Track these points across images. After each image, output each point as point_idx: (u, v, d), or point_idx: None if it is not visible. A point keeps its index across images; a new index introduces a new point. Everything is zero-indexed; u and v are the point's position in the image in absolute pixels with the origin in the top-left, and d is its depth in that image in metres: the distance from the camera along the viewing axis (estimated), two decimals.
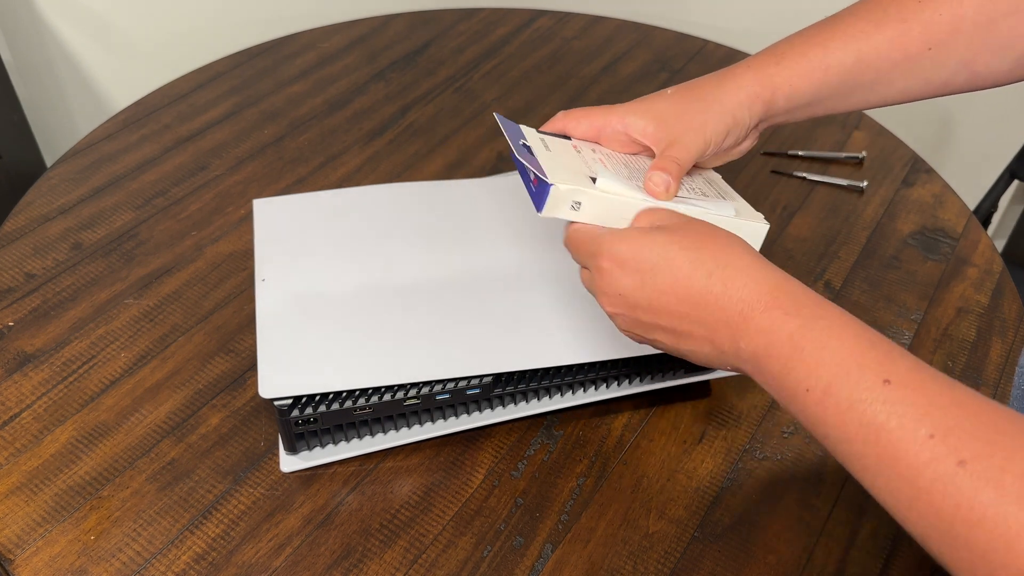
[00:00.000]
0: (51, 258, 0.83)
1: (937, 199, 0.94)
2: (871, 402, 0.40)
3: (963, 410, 0.38)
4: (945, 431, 0.37)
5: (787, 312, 0.45)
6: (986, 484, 0.35)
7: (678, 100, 0.59)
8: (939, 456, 0.37)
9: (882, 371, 0.40)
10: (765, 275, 0.47)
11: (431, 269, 0.73)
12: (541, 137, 0.62)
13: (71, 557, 0.62)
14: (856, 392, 0.40)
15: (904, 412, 0.39)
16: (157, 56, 1.62)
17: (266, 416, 0.71)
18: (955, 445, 0.37)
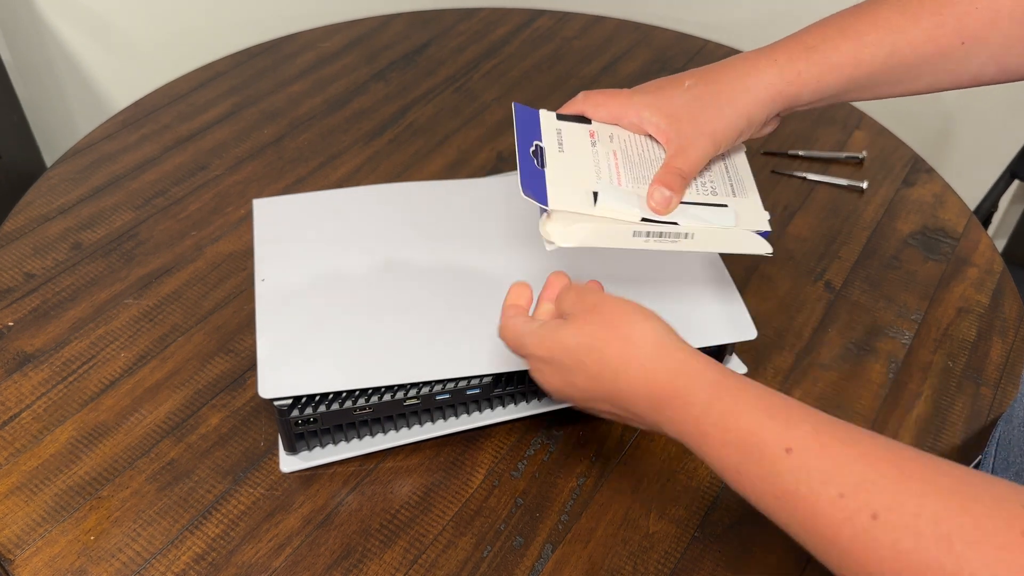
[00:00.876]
0: (51, 258, 0.83)
1: (937, 199, 0.94)
2: (779, 474, 0.41)
3: (868, 463, 0.39)
4: (854, 488, 0.38)
5: (687, 401, 0.46)
6: (904, 533, 0.36)
7: (694, 97, 0.57)
8: (852, 514, 0.38)
9: (783, 441, 0.41)
10: (663, 366, 0.47)
11: (431, 269, 0.73)
12: (558, 128, 0.62)
13: (71, 557, 0.62)
14: (762, 467, 0.42)
15: (811, 477, 0.40)
16: (157, 56, 1.62)
17: (266, 416, 0.71)
18: (866, 500, 0.37)
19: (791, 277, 0.85)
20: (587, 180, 0.59)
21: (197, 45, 1.43)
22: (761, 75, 0.57)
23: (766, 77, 0.57)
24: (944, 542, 0.35)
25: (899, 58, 0.56)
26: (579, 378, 0.50)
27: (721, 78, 0.58)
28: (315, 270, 0.72)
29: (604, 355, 0.49)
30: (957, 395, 0.75)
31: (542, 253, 0.75)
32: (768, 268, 0.85)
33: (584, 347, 0.50)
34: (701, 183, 0.60)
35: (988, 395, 0.75)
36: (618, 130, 0.62)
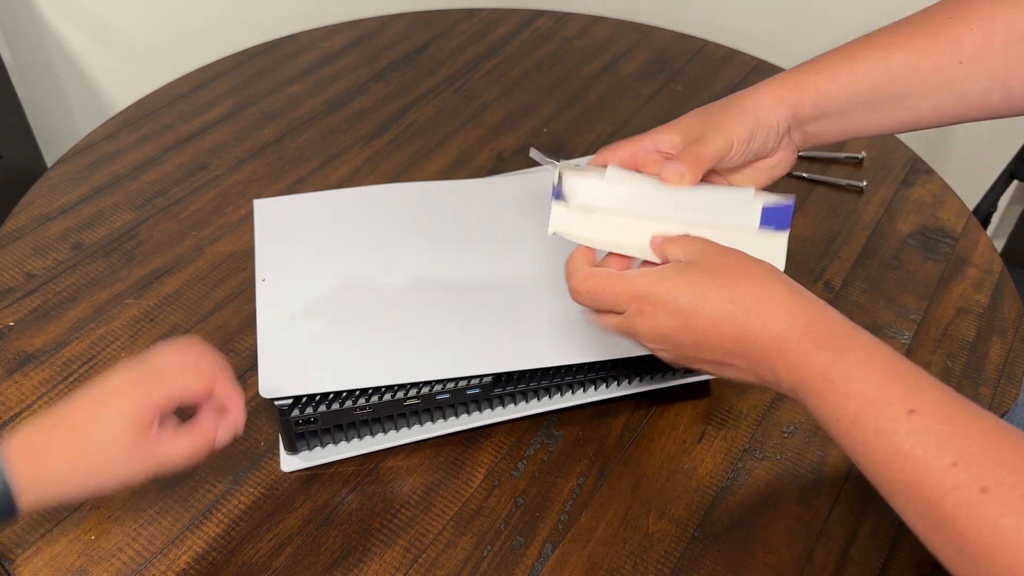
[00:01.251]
0: (51, 258, 0.83)
1: (937, 199, 0.95)
2: (896, 432, 0.41)
3: (987, 439, 0.39)
4: (969, 459, 0.38)
5: (818, 346, 0.46)
6: (1008, 511, 0.36)
7: (702, 111, 0.59)
8: (962, 483, 0.38)
9: (907, 401, 0.41)
10: (800, 308, 0.48)
11: (431, 269, 0.73)
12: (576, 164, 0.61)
13: (71, 557, 0.62)
14: (881, 422, 0.42)
15: (928, 441, 0.40)
16: (157, 56, 1.62)
17: (266, 416, 0.71)
18: (978, 473, 0.38)
19: (791, 276, 0.85)
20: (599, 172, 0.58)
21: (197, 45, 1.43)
22: (763, 86, 0.59)
23: (768, 87, 0.59)
24: None
25: (896, 74, 0.57)
26: (703, 319, 0.49)
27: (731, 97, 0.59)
28: (315, 270, 0.72)
29: (738, 295, 0.48)
30: None
31: (542, 253, 0.75)
32: None
33: (716, 283, 0.49)
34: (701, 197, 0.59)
35: (987, 395, 0.75)
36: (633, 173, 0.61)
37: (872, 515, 0.66)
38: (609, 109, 1.03)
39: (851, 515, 0.66)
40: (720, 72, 1.10)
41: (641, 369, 0.70)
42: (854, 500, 0.67)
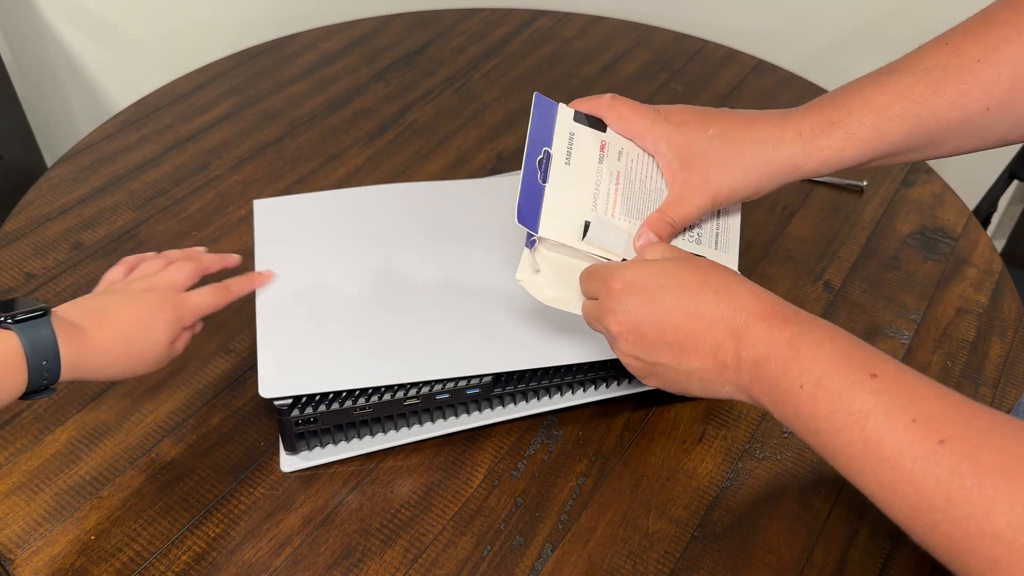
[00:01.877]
0: (51, 258, 0.83)
1: (937, 199, 0.95)
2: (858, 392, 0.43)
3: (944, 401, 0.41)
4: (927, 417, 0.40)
5: (786, 319, 0.48)
6: (964, 459, 0.38)
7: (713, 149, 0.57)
8: (920, 438, 0.40)
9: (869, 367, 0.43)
10: (766, 293, 0.50)
11: (431, 269, 0.73)
12: (572, 132, 0.61)
13: (71, 557, 0.62)
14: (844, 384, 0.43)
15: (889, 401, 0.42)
16: (157, 56, 1.62)
17: (266, 416, 0.71)
18: (936, 428, 0.39)
19: (790, 277, 0.85)
20: (584, 206, 0.60)
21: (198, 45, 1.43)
22: (784, 147, 0.57)
23: (787, 151, 0.57)
24: (999, 472, 0.37)
25: (923, 128, 0.56)
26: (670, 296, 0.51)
27: (744, 139, 0.57)
28: (315, 270, 0.72)
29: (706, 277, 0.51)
30: None
31: None
32: (768, 268, 0.86)
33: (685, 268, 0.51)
34: (688, 230, 0.62)
35: (987, 395, 0.75)
36: (629, 146, 0.62)
37: (872, 516, 0.66)
38: None
39: (851, 515, 0.66)
40: (720, 72, 1.10)
41: None
42: (854, 500, 0.67)
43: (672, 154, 0.58)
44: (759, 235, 0.89)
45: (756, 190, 0.57)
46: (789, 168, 0.57)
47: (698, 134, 0.58)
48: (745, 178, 0.57)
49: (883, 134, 0.56)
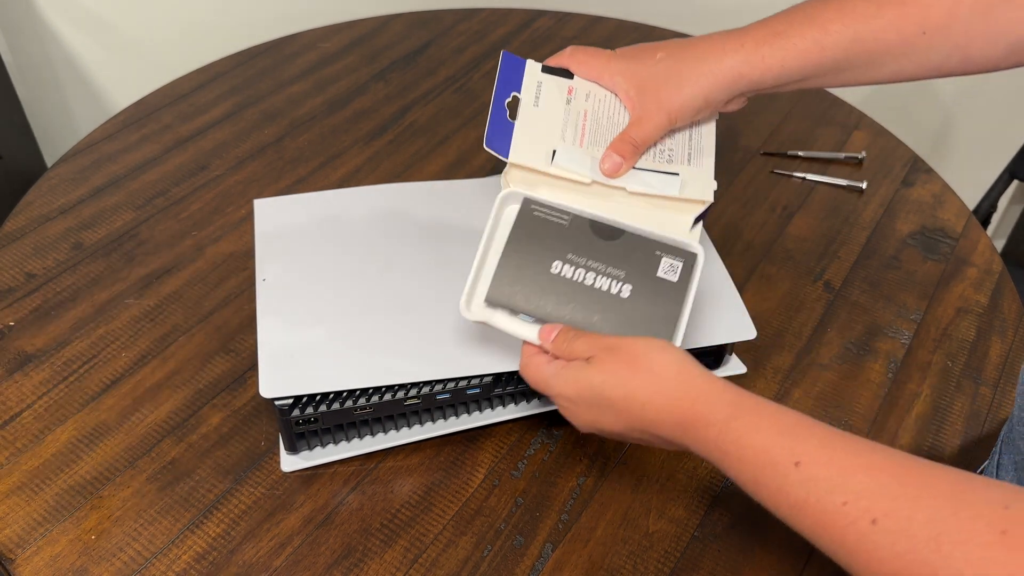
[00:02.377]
0: (52, 258, 0.83)
1: (937, 199, 0.95)
2: (790, 485, 0.44)
3: (869, 473, 0.42)
4: (856, 496, 0.41)
5: (708, 423, 0.49)
6: (899, 536, 0.39)
7: (661, 71, 0.61)
8: (854, 519, 0.41)
9: (792, 455, 0.45)
10: (686, 393, 0.51)
11: (431, 269, 0.73)
12: (540, 81, 0.66)
13: (72, 557, 0.62)
14: (775, 480, 0.45)
15: (818, 487, 0.43)
16: (157, 56, 1.62)
17: (267, 416, 0.71)
18: (866, 507, 0.41)
19: (791, 277, 0.85)
20: (551, 137, 0.63)
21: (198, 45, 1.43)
22: (727, 58, 0.60)
23: (730, 60, 0.60)
24: (934, 543, 0.37)
25: (862, 45, 0.58)
26: (608, 414, 0.53)
27: (688, 56, 0.61)
28: (316, 270, 0.72)
29: (630, 390, 0.52)
30: (956, 395, 0.75)
31: None
32: (768, 268, 0.86)
33: (611, 385, 0.52)
34: (659, 150, 0.64)
35: (987, 395, 0.75)
36: (596, 89, 0.66)
37: None
38: None
39: None
40: None
41: None
42: None
43: (628, 83, 0.62)
44: (759, 235, 0.89)
45: (706, 101, 0.60)
46: (733, 76, 0.60)
47: (648, 61, 0.62)
48: (693, 91, 0.60)
49: (822, 47, 0.58)
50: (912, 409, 0.74)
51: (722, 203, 0.93)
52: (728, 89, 0.60)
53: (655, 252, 0.58)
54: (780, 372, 0.76)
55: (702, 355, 0.71)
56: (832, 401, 0.74)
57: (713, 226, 0.89)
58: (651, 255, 0.57)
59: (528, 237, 0.58)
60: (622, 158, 0.61)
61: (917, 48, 0.58)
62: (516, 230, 0.58)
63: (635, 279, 0.58)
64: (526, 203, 0.59)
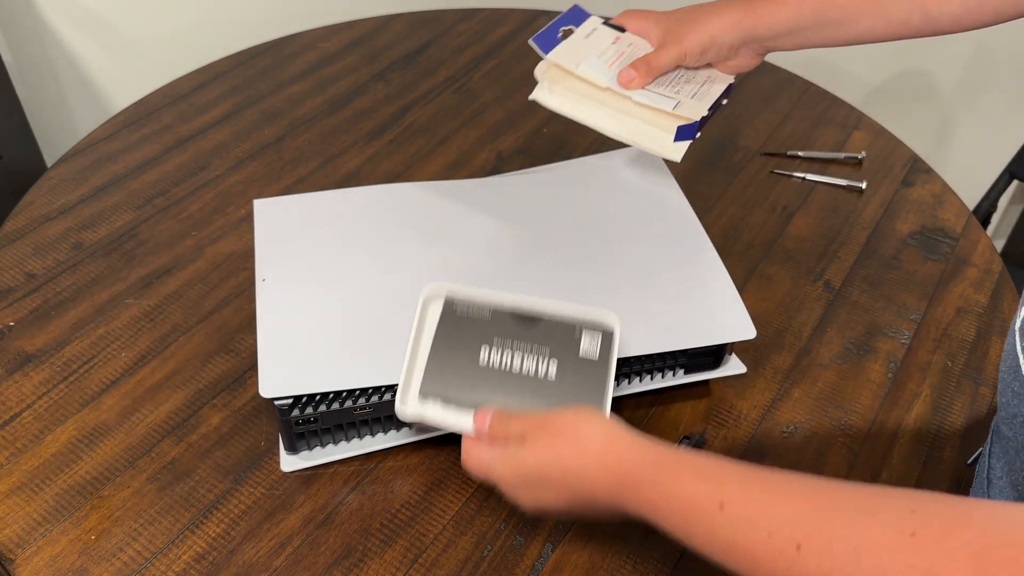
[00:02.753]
0: (52, 258, 0.83)
1: (937, 199, 0.95)
2: (718, 527, 0.46)
3: (787, 503, 0.44)
4: (778, 526, 0.43)
5: (639, 484, 0.51)
6: (823, 556, 0.41)
7: (678, 15, 0.75)
8: (781, 549, 0.43)
9: (715, 498, 0.46)
10: (614, 461, 0.52)
11: (431, 268, 0.73)
12: (595, 28, 0.78)
13: (72, 557, 0.62)
14: (704, 526, 0.47)
15: (743, 525, 0.45)
16: (157, 56, 1.62)
17: (266, 416, 0.71)
18: (789, 535, 0.42)
19: (790, 277, 0.85)
20: (589, 54, 0.74)
21: (198, 45, 1.43)
22: (730, 9, 0.73)
23: (733, 10, 0.73)
24: (853, 556, 0.39)
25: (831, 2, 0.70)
26: (548, 491, 0.55)
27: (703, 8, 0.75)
28: (315, 270, 0.72)
29: (563, 463, 0.54)
30: (956, 395, 0.75)
31: (541, 253, 0.75)
32: (768, 268, 0.86)
33: (546, 463, 0.54)
34: (673, 80, 0.74)
35: (987, 394, 0.75)
36: (639, 40, 0.77)
37: None
38: None
39: None
40: None
41: (641, 369, 0.70)
42: None
43: (656, 27, 0.75)
44: (759, 235, 0.89)
45: (712, 38, 0.72)
46: (733, 21, 0.72)
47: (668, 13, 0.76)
48: (700, 30, 0.72)
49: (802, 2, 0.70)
50: (912, 409, 0.74)
51: (722, 203, 0.93)
52: (730, 32, 0.72)
53: (574, 332, 0.61)
54: (780, 372, 0.76)
55: (702, 355, 0.71)
56: (832, 401, 0.74)
57: (713, 226, 0.89)
58: (571, 335, 0.61)
59: (455, 332, 0.61)
60: (636, 72, 0.71)
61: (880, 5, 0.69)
62: (442, 327, 0.61)
63: (559, 356, 0.61)
64: (448, 302, 0.62)
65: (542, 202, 0.81)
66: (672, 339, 0.69)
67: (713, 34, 0.73)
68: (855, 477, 0.69)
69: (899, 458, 0.71)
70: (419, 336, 0.61)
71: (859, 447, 0.71)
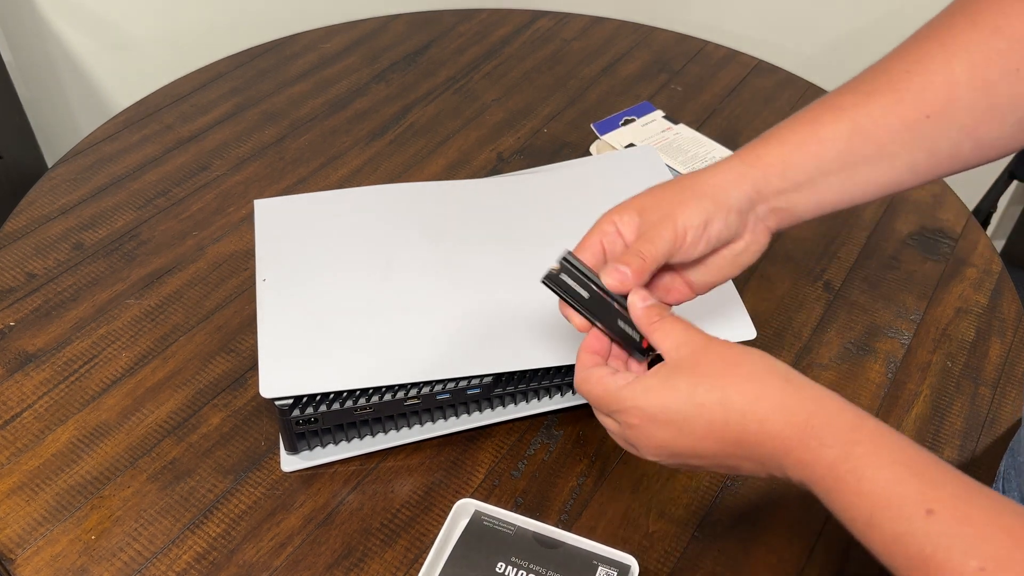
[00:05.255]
0: (52, 258, 0.83)
1: (936, 199, 0.95)
2: (915, 535, 0.39)
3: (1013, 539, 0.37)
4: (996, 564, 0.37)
5: (822, 443, 0.43)
6: None
7: (660, 190, 0.55)
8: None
9: (924, 500, 0.39)
10: (797, 403, 0.45)
11: (431, 269, 0.73)
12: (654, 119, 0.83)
13: (72, 556, 0.62)
14: (898, 524, 0.40)
15: (951, 544, 0.38)
16: (158, 56, 1.62)
17: (267, 416, 0.71)
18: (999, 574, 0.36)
19: (790, 277, 0.85)
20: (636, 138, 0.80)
21: (199, 46, 1.43)
22: (724, 164, 0.55)
23: (728, 164, 0.55)
24: None
25: (864, 134, 0.53)
26: (691, 431, 0.47)
27: (689, 175, 0.56)
28: (316, 270, 0.72)
29: (728, 396, 0.46)
30: (956, 395, 0.75)
31: (542, 253, 0.75)
32: (768, 268, 0.86)
33: (703, 387, 0.46)
34: None
35: (987, 395, 0.76)
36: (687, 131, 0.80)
37: None
38: (609, 109, 1.03)
39: None
40: (720, 73, 1.10)
41: None
42: None
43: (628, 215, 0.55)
44: None
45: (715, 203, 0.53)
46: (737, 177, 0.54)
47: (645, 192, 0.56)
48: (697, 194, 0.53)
49: (820, 137, 0.54)
50: (912, 409, 0.74)
51: None
52: (734, 189, 0.54)
53: (592, 562, 0.59)
54: None
55: None
56: None
57: None
58: (588, 565, 0.59)
59: (476, 540, 0.60)
60: (628, 268, 0.51)
61: (924, 134, 0.53)
62: (466, 534, 0.60)
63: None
64: (477, 514, 0.61)
65: (542, 202, 0.81)
66: None
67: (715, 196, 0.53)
68: None
69: None
70: (444, 542, 0.60)
71: None
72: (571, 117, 1.03)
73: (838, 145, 0.53)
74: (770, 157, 0.54)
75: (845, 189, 0.55)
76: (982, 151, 0.54)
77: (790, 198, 0.54)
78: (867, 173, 0.54)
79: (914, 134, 0.53)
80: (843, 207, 0.56)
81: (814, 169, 0.54)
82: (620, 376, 0.50)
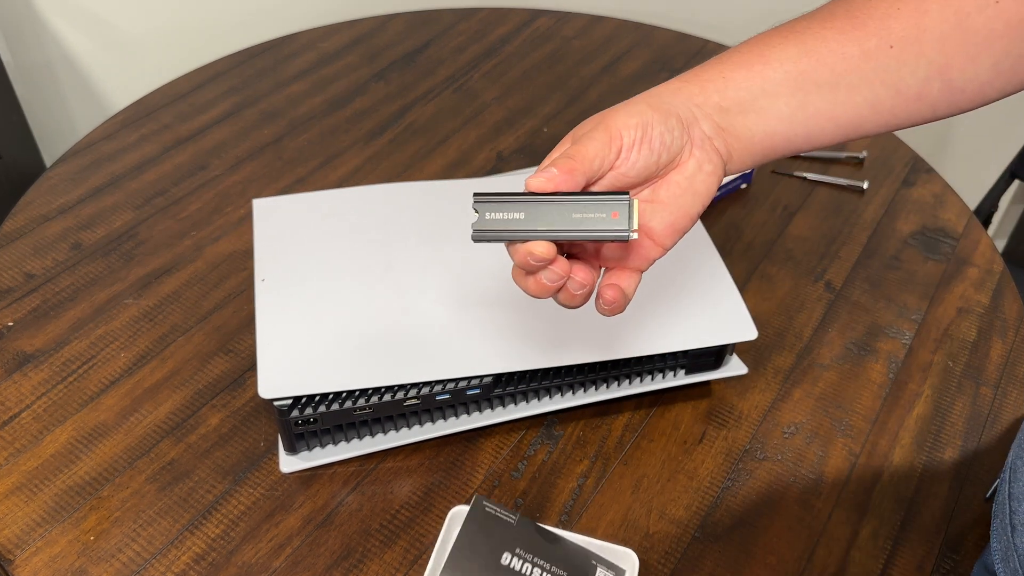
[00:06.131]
0: (51, 258, 0.83)
1: (937, 199, 0.94)
2: None
3: None
4: None
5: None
6: None
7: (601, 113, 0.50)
8: None
9: None
10: None
11: (431, 269, 0.73)
12: None
13: (71, 557, 0.62)
14: None
15: None
16: (157, 56, 1.62)
17: (266, 416, 0.71)
18: None
19: (791, 277, 0.85)
20: None
21: (197, 45, 1.43)
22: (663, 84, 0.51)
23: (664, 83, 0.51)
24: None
25: (814, 57, 0.49)
26: None
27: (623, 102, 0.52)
28: (315, 270, 0.72)
29: None
30: (957, 395, 0.75)
31: None
32: (768, 268, 0.85)
33: None
34: None
35: (988, 395, 0.75)
36: None
37: (873, 517, 0.66)
38: None
39: (851, 516, 0.66)
40: None
41: (641, 369, 0.70)
42: (855, 501, 0.67)
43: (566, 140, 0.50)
44: (759, 235, 0.89)
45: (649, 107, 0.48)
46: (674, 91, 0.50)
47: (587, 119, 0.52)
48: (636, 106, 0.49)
49: (766, 60, 0.49)
50: (913, 409, 0.74)
51: (723, 202, 0.92)
52: (671, 98, 0.49)
53: (591, 561, 0.60)
54: (781, 372, 0.76)
55: (703, 355, 0.71)
56: (833, 401, 0.74)
57: (714, 225, 0.89)
58: (587, 563, 0.59)
59: (480, 529, 0.60)
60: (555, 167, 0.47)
61: (887, 66, 0.48)
62: (469, 523, 0.60)
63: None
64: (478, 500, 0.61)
65: None
66: (673, 339, 0.68)
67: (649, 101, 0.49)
68: (856, 478, 0.68)
69: (900, 458, 0.70)
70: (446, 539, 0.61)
71: (860, 447, 0.71)
72: (571, 116, 1.02)
73: (785, 66, 0.49)
74: (708, 73, 0.50)
75: (797, 120, 0.50)
76: (952, 95, 0.49)
77: (733, 120, 0.50)
78: (820, 103, 0.49)
79: (875, 64, 0.48)
80: (800, 145, 0.51)
81: (758, 89, 0.49)
82: None
